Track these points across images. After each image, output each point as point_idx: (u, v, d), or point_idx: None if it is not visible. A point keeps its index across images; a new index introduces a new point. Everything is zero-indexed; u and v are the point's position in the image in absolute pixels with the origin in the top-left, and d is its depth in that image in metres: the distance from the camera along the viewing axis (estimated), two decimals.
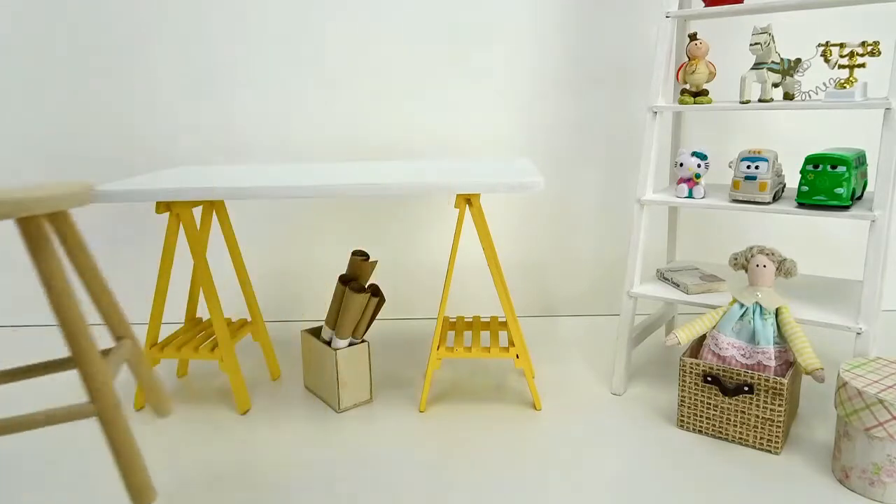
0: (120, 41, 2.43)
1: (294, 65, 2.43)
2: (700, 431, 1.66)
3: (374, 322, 2.63)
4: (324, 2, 2.39)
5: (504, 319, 1.90)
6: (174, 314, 2.67)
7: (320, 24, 2.40)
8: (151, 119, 2.49)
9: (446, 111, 2.46)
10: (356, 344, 1.84)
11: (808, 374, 1.51)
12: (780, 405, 1.53)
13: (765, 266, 1.60)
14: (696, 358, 1.67)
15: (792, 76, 1.76)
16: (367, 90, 2.44)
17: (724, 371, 1.59)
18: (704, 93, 1.80)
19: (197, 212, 2.53)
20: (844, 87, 1.62)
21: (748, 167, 1.67)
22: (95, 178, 2.53)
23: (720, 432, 1.63)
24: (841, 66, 1.63)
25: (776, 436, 1.55)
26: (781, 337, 1.59)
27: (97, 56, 2.44)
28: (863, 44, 1.61)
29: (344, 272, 2.44)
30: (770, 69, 1.69)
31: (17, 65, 2.46)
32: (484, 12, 2.39)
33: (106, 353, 1.19)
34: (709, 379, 1.61)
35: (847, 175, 1.54)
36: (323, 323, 2.07)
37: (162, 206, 1.72)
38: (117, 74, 2.46)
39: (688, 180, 1.79)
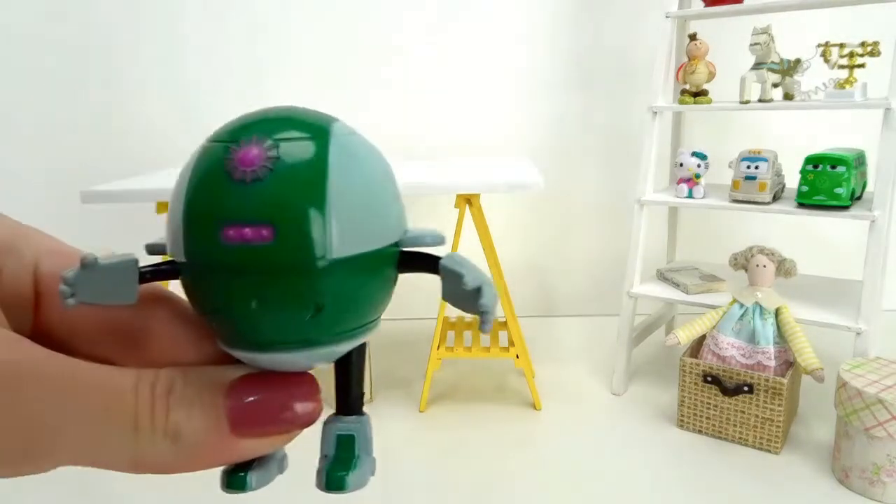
0: (118, 41, 2.43)
1: (291, 65, 2.43)
2: (700, 431, 1.66)
3: None
4: (321, 5, 2.39)
5: (504, 319, 1.90)
6: None
7: (317, 24, 2.40)
8: (151, 119, 2.49)
9: (446, 111, 2.46)
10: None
11: (807, 373, 1.51)
12: (779, 405, 1.53)
13: (765, 266, 1.60)
14: (696, 358, 1.67)
15: (792, 76, 1.76)
16: (366, 90, 2.44)
17: (723, 371, 1.59)
18: (704, 93, 1.80)
19: None
20: (844, 88, 1.62)
21: (748, 167, 1.67)
22: (95, 178, 2.53)
23: (720, 432, 1.63)
24: (841, 67, 1.63)
25: (776, 436, 1.55)
26: (781, 337, 1.58)
27: (95, 56, 2.44)
28: (863, 44, 1.61)
29: None
30: (770, 69, 1.69)
31: (15, 66, 2.46)
32: (483, 12, 2.39)
33: None
34: (709, 379, 1.61)
35: (847, 175, 1.54)
36: None
37: (162, 206, 1.73)
38: (117, 74, 2.46)
39: (688, 180, 1.79)
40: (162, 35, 2.42)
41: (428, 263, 0.21)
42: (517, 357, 1.78)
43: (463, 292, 0.19)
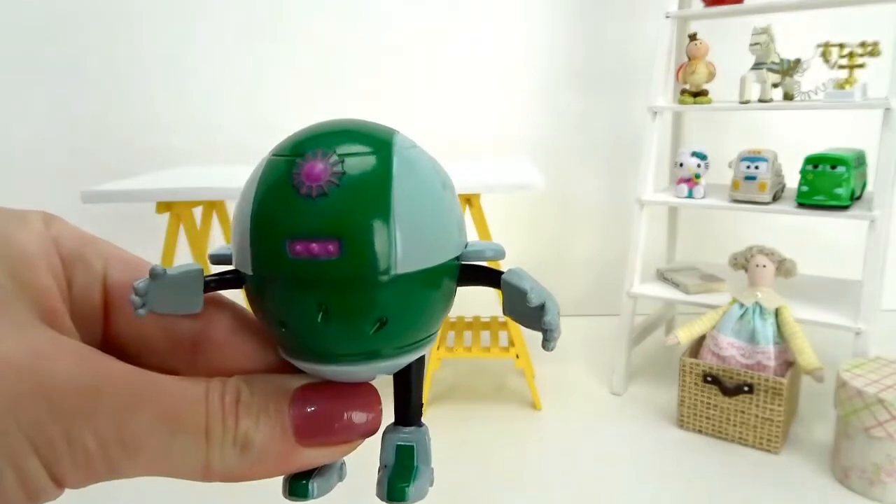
0: (117, 40, 2.43)
1: (291, 65, 2.43)
2: (700, 431, 1.66)
3: None
4: (321, 4, 2.39)
5: (504, 319, 1.90)
6: None
7: (316, 23, 2.40)
8: (151, 119, 2.49)
9: (445, 111, 2.46)
10: None
11: (807, 373, 1.51)
12: (779, 405, 1.53)
13: (765, 266, 1.60)
14: (696, 358, 1.67)
15: (792, 76, 1.76)
16: (365, 89, 2.44)
17: (723, 371, 1.59)
18: (704, 93, 1.80)
19: (197, 212, 2.53)
20: (844, 88, 1.62)
21: (748, 167, 1.67)
22: (95, 178, 2.53)
23: (720, 432, 1.63)
24: (840, 67, 1.63)
25: (776, 436, 1.55)
26: (781, 337, 1.59)
27: (94, 55, 2.45)
28: (862, 44, 1.61)
29: None
30: (770, 69, 1.69)
31: (15, 66, 2.46)
32: (483, 12, 2.39)
33: None
34: (709, 379, 1.61)
35: (847, 175, 1.54)
36: None
37: (162, 206, 1.73)
38: (116, 74, 2.46)
39: (688, 180, 1.79)
40: (163, 35, 2.42)
41: (489, 278, 0.21)
42: (517, 357, 1.78)
43: (526, 309, 0.20)
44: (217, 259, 0.22)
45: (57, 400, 0.17)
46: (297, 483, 0.21)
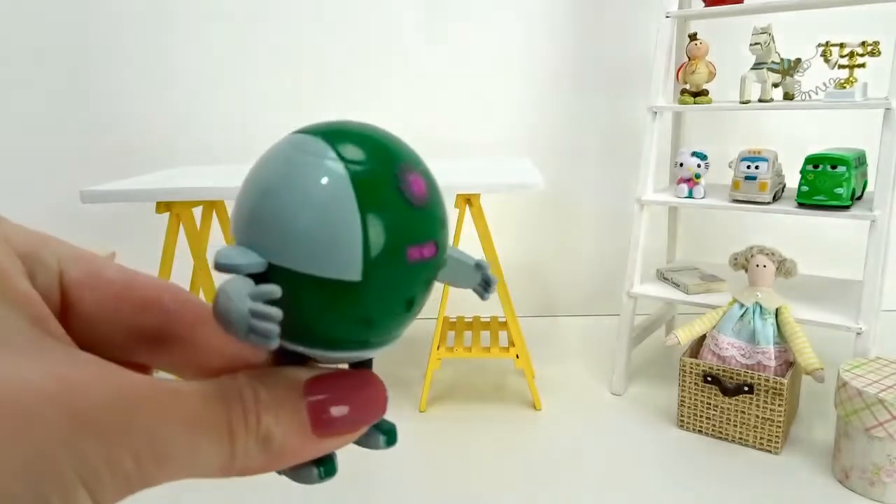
0: (116, 40, 2.43)
1: (291, 65, 2.43)
2: (700, 431, 1.66)
3: None
4: (320, 4, 2.39)
5: (504, 319, 1.90)
6: None
7: (316, 24, 2.40)
8: (150, 119, 2.49)
9: (445, 111, 2.46)
10: None
11: (807, 374, 1.51)
12: (779, 405, 1.53)
13: (765, 266, 1.60)
14: (696, 358, 1.67)
15: (792, 76, 1.75)
16: (365, 90, 2.44)
17: (724, 371, 1.59)
18: (704, 93, 1.80)
19: (197, 212, 2.53)
20: (844, 87, 1.62)
21: (748, 167, 1.67)
22: (95, 177, 2.53)
23: (720, 432, 1.63)
24: (841, 66, 1.63)
25: (776, 436, 1.55)
26: (781, 337, 1.58)
27: (95, 55, 2.44)
28: (863, 44, 1.61)
29: None
30: (770, 69, 1.69)
31: (15, 66, 2.46)
32: (483, 12, 2.39)
33: None
34: (709, 379, 1.61)
35: (847, 175, 1.54)
36: None
37: (162, 206, 1.72)
38: (117, 74, 2.46)
39: (688, 180, 1.79)
40: (163, 36, 2.42)
41: None
42: (517, 357, 1.78)
43: (465, 271, 0.24)
44: (232, 269, 0.20)
45: (97, 426, 0.17)
46: (326, 465, 0.23)
